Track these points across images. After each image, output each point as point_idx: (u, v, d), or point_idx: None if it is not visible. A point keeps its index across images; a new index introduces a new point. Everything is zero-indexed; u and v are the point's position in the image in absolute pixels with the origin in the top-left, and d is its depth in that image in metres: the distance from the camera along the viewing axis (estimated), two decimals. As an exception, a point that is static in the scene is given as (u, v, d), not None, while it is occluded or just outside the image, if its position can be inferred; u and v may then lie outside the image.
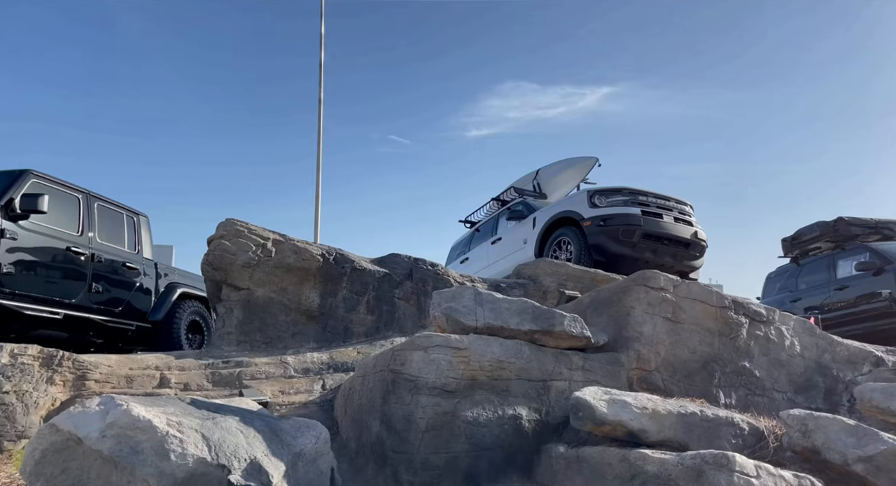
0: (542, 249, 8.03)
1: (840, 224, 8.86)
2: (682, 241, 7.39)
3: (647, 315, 4.41)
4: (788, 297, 9.47)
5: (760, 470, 2.65)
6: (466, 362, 3.68)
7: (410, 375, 3.55)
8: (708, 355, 4.43)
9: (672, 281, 4.57)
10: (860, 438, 2.88)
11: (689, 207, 7.74)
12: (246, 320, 5.00)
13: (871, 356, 4.65)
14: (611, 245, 7.21)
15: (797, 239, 9.58)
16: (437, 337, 3.69)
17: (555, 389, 3.90)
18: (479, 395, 3.64)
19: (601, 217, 7.29)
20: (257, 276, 5.08)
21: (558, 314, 4.11)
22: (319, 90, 14.16)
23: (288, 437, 2.89)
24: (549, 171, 9.54)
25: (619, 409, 3.24)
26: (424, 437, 3.38)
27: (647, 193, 7.50)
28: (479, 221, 10.30)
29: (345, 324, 5.36)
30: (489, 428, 3.53)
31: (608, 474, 3.10)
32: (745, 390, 4.42)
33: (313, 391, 4.47)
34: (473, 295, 4.10)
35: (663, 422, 3.22)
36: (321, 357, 4.83)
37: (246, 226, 5.12)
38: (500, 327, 4.00)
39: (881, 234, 8.72)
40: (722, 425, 3.28)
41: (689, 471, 2.72)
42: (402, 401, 3.49)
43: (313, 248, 5.32)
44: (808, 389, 4.54)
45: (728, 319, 4.53)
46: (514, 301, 4.15)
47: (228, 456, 2.52)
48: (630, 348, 4.31)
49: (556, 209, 7.98)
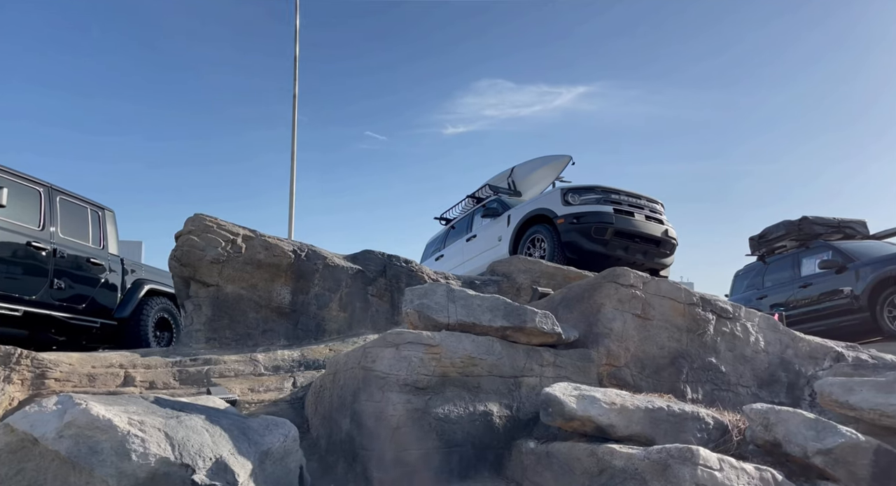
0: (516, 246, 8.07)
1: (804, 223, 9.10)
2: (653, 239, 7.50)
3: (617, 312, 4.47)
4: (755, 294, 9.70)
5: (723, 463, 2.70)
6: (438, 358, 3.67)
7: (381, 372, 3.53)
8: (676, 350, 4.50)
9: (642, 278, 4.63)
10: (819, 431, 2.95)
11: (659, 206, 7.86)
12: (215, 316, 4.91)
13: (831, 352, 4.79)
14: (583, 243, 7.28)
15: (763, 238, 9.81)
16: (408, 334, 3.68)
17: (526, 385, 3.92)
18: (451, 391, 3.64)
19: (574, 215, 7.35)
20: (227, 272, 4.99)
21: (530, 311, 4.13)
22: (294, 85, 13.99)
23: (255, 435, 2.84)
24: (523, 168, 9.58)
25: (588, 405, 3.27)
26: (395, 434, 3.36)
27: (620, 191, 7.59)
28: (455, 219, 10.31)
29: (317, 321, 5.30)
30: (460, 425, 3.53)
31: (577, 469, 3.13)
32: (712, 385, 4.51)
33: (284, 389, 4.41)
34: (446, 292, 4.10)
35: (631, 417, 3.26)
36: (292, 355, 4.77)
37: (215, 221, 5.02)
38: (472, 324, 4.00)
39: (843, 233, 8.98)
40: (688, 419, 3.34)
41: (654, 465, 2.76)
42: (372, 398, 3.47)
43: (284, 244, 5.25)
44: (771, 383, 4.65)
45: (696, 315, 4.61)
46: (486, 298, 4.16)
47: (193, 455, 2.47)
48: (600, 344, 4.35)
49: (531, 207, 8.02)
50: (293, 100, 13.97)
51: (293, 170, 13.60)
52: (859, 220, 9.16)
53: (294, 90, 13.96)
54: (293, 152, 13.68)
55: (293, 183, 13.55)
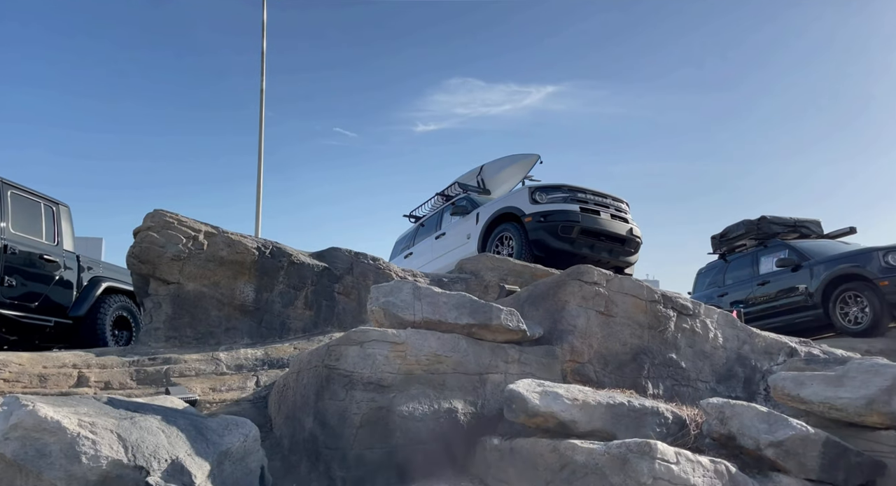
0: (485, 244, 8.10)
1: (763, 223, 9.37)
2: (618, 237, 7.62)
3: (581, 309, 4.52)
4: (716, 292, 9.95)
5: (680, 457, 2.77)
6: (403, 356, 3.66)
7: (345, 370, 3.50)
8: (638, 347, 4.59)
9: (605, 276, 4.70)
10: (771, 424, 3.05)
11: (625, 205, 7.99)
12: (175, 315, 4.79)
13: (785, 347, 4.94)
14: (550, 241, 7.35)
15: (725, 236, 10.07)
16: (373, 332, 3.66)
17: (491, 382, 3.94)
18: (416, 389, 3.63)
19: (541, 213, 7.42)
20: (188, 269, 4.88)
21: (495, 308, 4.15)
22: (261, 80, 13.75)
23: (214, 435, 2.79)
24: (492, 167, 9.62)
25: (551, 401, 3.31)
26: (359, 432, 3.34)
27: (586, 190, 7.69)
28: (424, 216, 10.29)
29: (281, 319, 5.23)
30: (425, 422, 3.53)
31: (539, 464, 3.16)
32: (672, 380, 4.61)
33: (246, 388, 4.34)
34: (412, 289, 4.08)
35: (593, 413, 3.31)
36: (256, 353, 4.69)
37: (176, 217, 4.90)
38: (437, 322, 4.00)
39: (799, 232, 9.29)
40: (647, 414, 3.40)
41: (614, 459, 2.81)
42: (336, 397, 3.44)
43: (248, 241, 5.16)
44: (729, 378, 4.78)
45: (657, 312, 4.70)
46: (452, 295, 4.16)
47: (147, 457, 2.41)
48: (564, 340, 4.40)
49: (499, 205, 8.06)
50: (260, 94, 13.74)
51: (260, 166, 13.40)
52: (814, 220, 9.49)
53: (261, 85, 13.73)
54: (260, 148, 13.47)
55: (260, 179, 13.35)
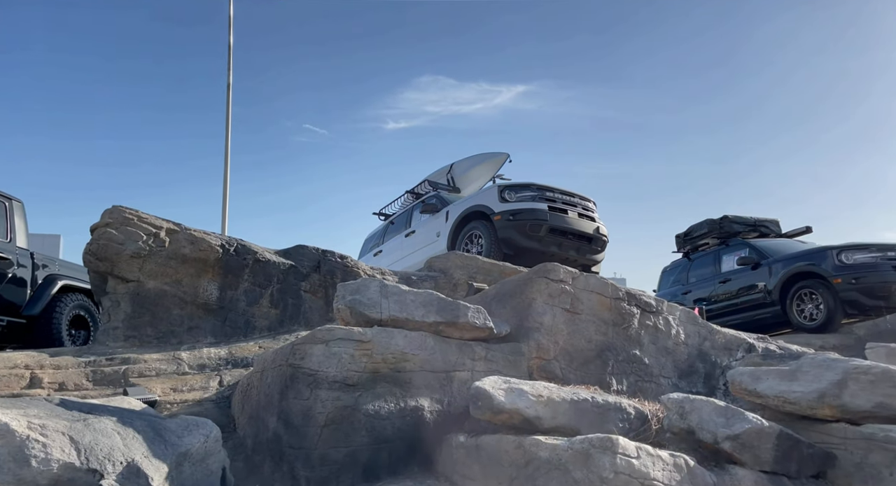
0: (454, 242, 8.11)
1: (725, 222, 9.63)
2: (586, 236, 7.72)
3: (548, 306, 4.57)
4: (680, 289, 10.18)
5: (640, 451, 2.82)
6: (369, 354, 3.64)
7: (310, 369, 3.46)
8: (603, 343, 4.66)
9: (571, 273, 4.76)
10: (729, 418, 3.13)
11: (592, 204, 8.09)
12: (135, 314, 4.66)
13: (744, 343, 5.08)
14: (519, 239, 7.40)
15: (688, 235, 10.31)
16: (339, 330, 3.62)
17: (457, 379, 3.95)
18: (382, 388, 3.62)
19: (510, 212, 7.46)
20: (148, 267, 4.75)
21: (462, 306, 4.16)
22: (228, 74, 13.47)
23: (173, 437, 2.72)
24: (462, 165, 9.64)
25: (517, 397, 3.33)
26: (323, 432, 3.31)
27: (554, 189, 7.76)
28: (394, 214, 10.25)
29: (246, 318, 5.14)
30: (391, 421, 3.52)
31: (504, 461, 3.18)
32: (636, 376, 4.70)
33: (209, 388, 4.25)
34: (379, 287, 4.06)
35: (557, 409, 3.34)
36: (219, 353, 4.61)
37: (136, 213, 4.77)
38: (405, 320, 3.99)
39: (759, 231, 9.57)
40: (611, 410, 3.46)
41: (577, 455, 2.85)
42: (300, 396, 3.40)
43: (212, 238, 5.05)
44: (690, 374, 4.90)
45: (621, 309, 4.78)
46: (419, 293, 4.16)
47: (101, 460, 2.34)
48: (531, 338, 4.44)
49: (469, 203, 8.08)
50: (227, 90, 13.47)
51: (227, 163, 13.12)
52: (773, 219, 9.78)
53: (228, 79, 13.45)
54: (227, 145, 13.19)
55: (227, 177, 13.07)
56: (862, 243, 7.70)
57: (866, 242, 7.73)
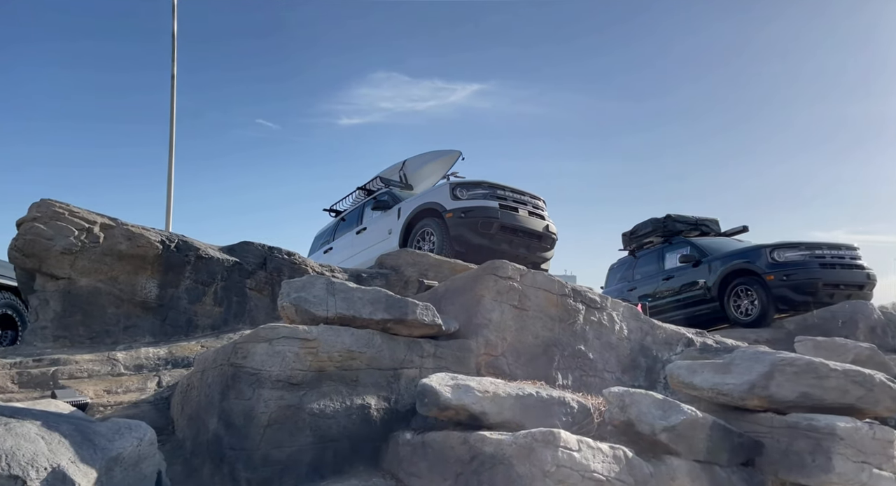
0: (406, 239, 8.08)
1: (668, 221, 9.96)
2: (535, 233, 7.84)
3: (496, 303, 4.61)
4: (626, 286, 10.47)
5: (581, 444, 2.88)
6: (315, 353, 3.58)
7: (253, 368, 3.38)
8: (549, 339, 4.74)
9: (519, 270, 4.82)
10: (666, 410, 3.24)
11: (542, 202, 8.22)
12: (66, 312, 4.43)
13: (683, 338, 5.28)
14: (471, 236, 7.44)
15: (634, 234, 10.61)
16: (283, 328, 3.55)
17: (405, 377, 3.94)
18: (328, 386, 3.57)
19: (462, 209, 7.49)
20: (81, 264, 4.53)
21: (411, 303, 4.15)
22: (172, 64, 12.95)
23: (103, 440, 2.61)
24: (415, 162, 9.62)
25: (463, 394, 3.35)
26: (266, 432, 3.24)
27: (505, 187, 7.84)
28: (345, 211, 10.13)
29: (188, 316, 4.97)
30: (336, 419, 3.48)
31: (450, 457, 3.19)
32: (581, 371, 4.80)
33: (147, 390, 4.09)
34: (325, 285, 4.00)
35: (503, 404, 3.38)
36: (158, 352, 4.44)
37: (67, 208, 4.53)
38: (352, 317, 3.95)
39: (700, 230, 9.94)
40: (555, 404, 3.52)
41: (521, 449, 2.89)
42: (242, 396, 3.32)
43: (151, 234, 4.86)
44: (632, 368, 5.05)
45: (567, 306, 4.88)
46: (367, 291, 4.12)
47: (24, 466, 2.22)
48: (479, 334, 4.47)
49: (420, 201, 8.07)
50: (171, 80, 12.96)
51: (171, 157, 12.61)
52: (712, 218, 10.19)
53: (172, 70, 12.94)
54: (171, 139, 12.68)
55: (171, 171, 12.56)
56: (793, 242, 8.11)
57: (797, 240, 8.14)
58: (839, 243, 8.19)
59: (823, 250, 7.99)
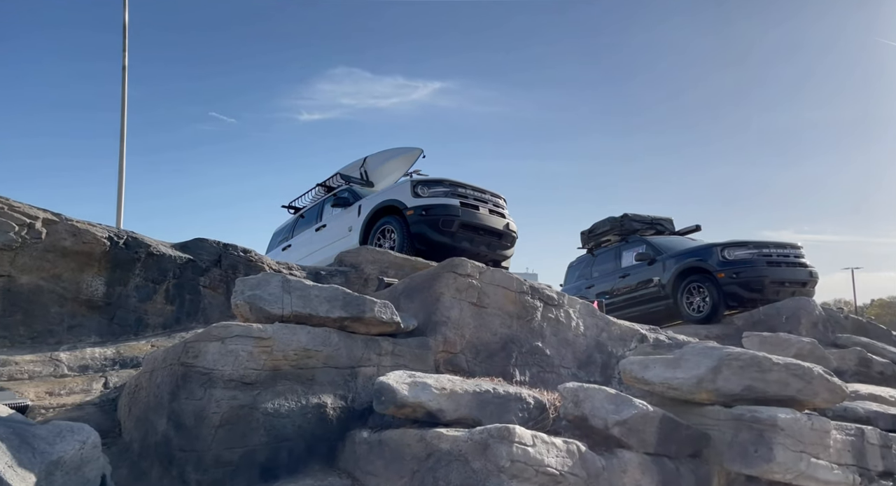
0: (367, 236, 8.01)
1: (625, 220, 10.19)
2: (496, 232, 7.88)
3: (455, 300, 4.63)
4: (584, 284, 10.67)
5: (536, 439, 2.92)
6: (269, 351, 3.52)
7: (204, 367, 3.30)
8: (507, 336, 4.79)
9: (478, 268, 4.85)
10: (618, 404, 3.32)
11: (502, 201, 8.27)
12: (5, 312, 4.22)
13: (637, 334, 5.41)
14: (431, 234, 7.43)
15: (592, 232, 10.82)
16: (236, 327, 3.48)
17: (363, 375, 3.91)
18: (282, 385, 3.51)
19: (423, 207, 7.48)
20: (21, 261, 4.32)
21: (369, 301, 4.12)
22: (123, 55, 12.48)
23: (43, 444, 2.50)
24: (376, 159, 9.54)
25: (420, 391, 3.35)
26: (218, 432, 3.17)
27: (466, 185, 7.86)
28: (304, 208, 9.98)
29: (137, 315, 4.81)
30: (291, 418, 3.43)
31: (407, 454, 3.19)
32: (538, 367, 4.87)
33: (92, 391, 3.95)
34: (281, 282, 3.94)
35: (460, 401, 3.40)
36: (105, 353, 4.28)
37: (6, 202, 4.31)
38: (308, 315, 3.90)
39: (655, 229, 10.21)
40: (511, 400, 3.56)
41: (476, 445, 2.91)
42: (193, 396, 3.23)
43: (98, 230, 4.68)
44: (588, 364, 5.15)
45: (525, 303, 4.94)
46: (324, 288, 4.07)
47: (-47, 474, 2.11)
48: (438, 332, 4.48)
49: (381, 198, 8.01)
50: (122, 72, 12.50)
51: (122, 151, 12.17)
52: (667, 217, 10.47)
53: (123, 61, 12.48)
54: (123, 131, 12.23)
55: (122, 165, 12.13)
56: (742, 241, 8.41)
57: (746, 239, 8.45)
58: (784, 243, 8.54)
59: (770, 249, 8.31)
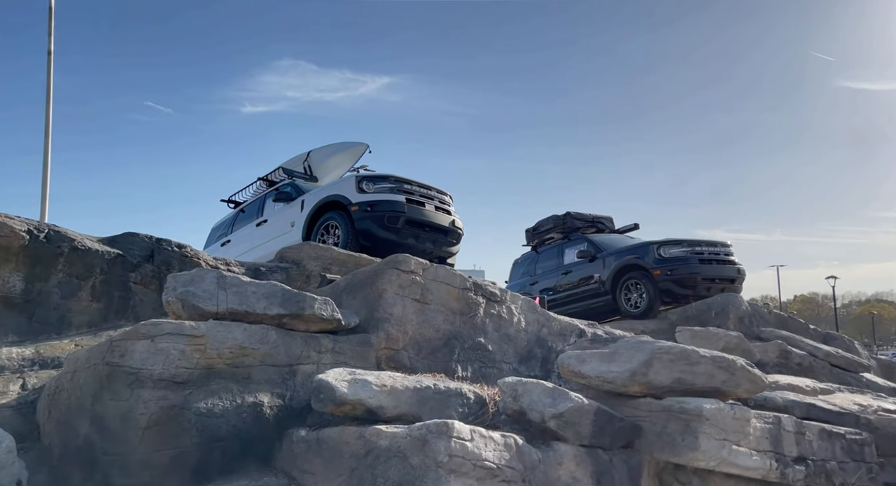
0: (310, 232, 7.87)
1: (567, 218, 10.44)
2: (442, 228, 7.90)
3: (398, 297, 4.61)
4: (529, 280, 10.86)
5: (474, 434, 2.95)
6: (203, 350, 3.40)
7: (131, 367, 3.15)
8: (450, 332, 4.81)
9: (422, 264, 4.85)
10: (555, 398, 3.39)
11: (448, 197, 8.30)
12: None
13: (576, 329, 5.55)
14: (377, 230, 7.38)
15: (536, 230, 11.03)
16: (167, 324, 3.35)
17: (301, 373, 3.84)
18: (216, 384, 3.41)
19: (368, 203, 7.41)
20: (-72, 255, 4.01)
21: (309, 298, 4.05)
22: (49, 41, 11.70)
23: (-53, 453, 2.33)
24: (320, 153, 9.38)
25: (360, 388, 3.32)
26: (145, 434, 3.04)
27: (412, 181, 7.84)
28: (245, 202, 9.70)
29: (60, 313, 4.55)
30: (225, 418, 3.33)
31: (345, 452, 3.15)
32: (480, 363, 4.92)
33: (8, 393, 3.71)
34: (216, 278, 3.81)
35: (400, 398, 3.39)
36: (23, 352, 4.03)
37: None
38: (245, 312, 3.79)
39: (596, 227, 10.51)
40: (452, 396, 3.57)
41: (415, 441, 2.91)
42: (118, 397, 3.09)
43: (15, 222, 4.38)
44: (529, 359, 5.24)
45: (468, 299, 4.97)
46: (262, 285, 3.97)
47: None
48: (380, 328, 4.46)
49: (325, 193, 7.89)
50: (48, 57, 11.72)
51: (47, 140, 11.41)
52: (607, 216, 10.80)
53: (49, 46, 11.70)
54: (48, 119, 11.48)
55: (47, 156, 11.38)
56: (676, 239, 8.78)
57: (680, 238, 8.83)
58: (715, 241, 8.97)
59: (702, 247, 8.71)
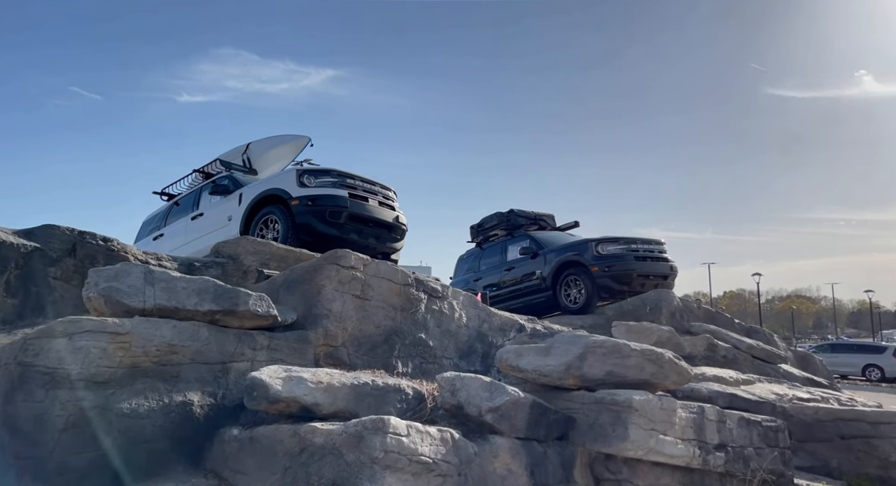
0: (248, 226, 7.64)
1: (511, 215, 10.58)
2: (385, 224, 7.84)
3: (338, 293, 4.55)
4: (473, 276, 10.94)
5: (411, 429, 2.95)
6: (127, 348, 3.25)
7: (47, 367, 2.97)
8: (391, 328, 4.79)
9: (362, 260, 4.79)
10: (492, 392, 3.43)
11: (392, 193, 8.24)
12: None
13: (516, 324, 5.64)
14: (318, 225, 7.24)
15: (481, 226, 11.13)
16: (87, 322, 3.17)
17: (235, 371, 3.73)
18: (142, 383, 3.26)
19: (309, 197, 7.25)
20: None
21: (243, 294, 3.94)
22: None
23: None
24: (260, 146, 9.12)
25: (295, 386, 3.25)
26: (62, 437, 2.88)
27: (355, 176, 7.73)
28: (179, 195, 9.31)
29: (-31, 310, 4.23)
30: (151, 419, 3.19)
31: (279, 451, 3.09)
32: (421, 358, 4.92)
33: None
34: (143, 273, 3.64)
35: (336, 394, 3.34)
36: (-75, 353, 3.71)
37: None
38: (174, 309, 3.64)
39: (538, 224, 10.70)
40: (390, 392, 3.56)
41: (351, 438, 2.88)
42: (32, 398, 2.90)
43: (-83, 211, 4.05)
44: (470, 354, 5.28)
45: (410, 295, 4.96)
46: (193, 280, 3.83)
47: None
48: (319, 325, 4.38)
49: (264, 186, 7.67)
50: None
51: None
52: (549, 213, 11.02)
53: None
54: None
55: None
56: (613, 237, 9.05)
57: (617, 235, 9.11)
58: (650, 239, 9.31)
59: (638, 245, 9.02)
